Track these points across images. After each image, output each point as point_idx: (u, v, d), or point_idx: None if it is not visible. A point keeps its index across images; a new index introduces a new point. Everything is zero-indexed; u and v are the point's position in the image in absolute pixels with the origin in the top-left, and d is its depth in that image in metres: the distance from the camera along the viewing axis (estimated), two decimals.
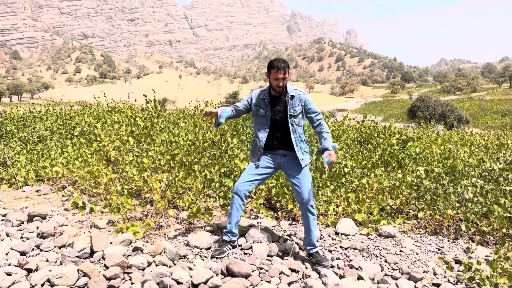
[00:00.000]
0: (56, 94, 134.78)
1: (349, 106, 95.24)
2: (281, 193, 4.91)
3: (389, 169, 6.33)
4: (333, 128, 9.04)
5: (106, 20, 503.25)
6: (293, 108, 3.71)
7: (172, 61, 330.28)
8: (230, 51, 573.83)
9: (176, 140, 5.65)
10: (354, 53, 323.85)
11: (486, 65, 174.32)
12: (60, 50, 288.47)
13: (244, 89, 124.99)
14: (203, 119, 7.90)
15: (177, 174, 4.91)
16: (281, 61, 3.70)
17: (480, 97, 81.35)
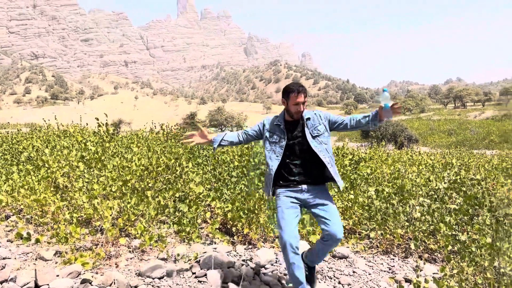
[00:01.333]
0: (3, 116, 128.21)
1: None
2: (237, 217, 4.89)
3: (341, 190, 6.47)
4: None
5: (59, 40, 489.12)
6: (315, 129, 3.45)
7: (127, 82, 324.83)
8: (187, 72, 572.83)
9: (128, 165, 5.52)
10: (309, 75, 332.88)
11: (433, 87, 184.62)
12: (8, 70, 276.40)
13: (202, 110, 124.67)
14: (157, 142, 7.79)
15: (129, 201, 4.78)
16: (299, 85, 3.48)
17: (428, 117, 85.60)
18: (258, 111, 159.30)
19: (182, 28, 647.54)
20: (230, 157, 7.27)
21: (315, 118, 3.50)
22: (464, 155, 16.36)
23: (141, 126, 21.13)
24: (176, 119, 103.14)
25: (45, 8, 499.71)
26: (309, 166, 3.42)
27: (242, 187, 5.74)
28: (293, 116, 3.47)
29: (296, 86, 3.43)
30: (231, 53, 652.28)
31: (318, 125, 3.47)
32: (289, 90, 3.43)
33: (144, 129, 12.06)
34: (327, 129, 3.50)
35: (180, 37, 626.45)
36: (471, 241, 4.39)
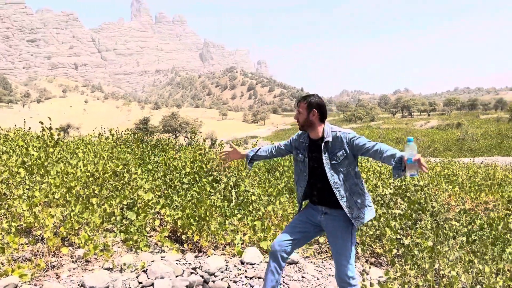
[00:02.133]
0: None
1: (260, 133, 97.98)
2: (187, 225, 4.81)
3: (293, 196, 6.55)
4: None
5: (2, 40, 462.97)
6: (334, 156, 3.08)
7: (77, 85, 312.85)
8: (141, 76, 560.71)
9: (73, 172, 5.28)
10: (265, 83, 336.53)
11: (382, 97, 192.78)
12: None
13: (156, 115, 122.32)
14: (104, 148, 7.52)
15: (73, 208, 4.57)
16: (306, 95, 3.26)
17: (377, 126, 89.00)
18: (214, 117, 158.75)
19: (135, 32, 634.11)
20: (182, 164, 7.15)
21: (336, 141, 3.11)
22: None
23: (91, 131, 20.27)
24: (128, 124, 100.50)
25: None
26: (331, 191, 3.14)
27: (194, 193, 5.66)
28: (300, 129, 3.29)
29: (302, 97, 3.28)
30: (187, 58, 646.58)
31: (338, 150, 3.09)
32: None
33: (93, 134, 11.63)
34: (347, 155, 3.08)
35: (133, 41, 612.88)
36: (414, 245, 4.58)
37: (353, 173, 3.10)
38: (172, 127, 66.66)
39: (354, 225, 3.09)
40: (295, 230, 3.27)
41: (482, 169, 13.64)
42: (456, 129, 70.02)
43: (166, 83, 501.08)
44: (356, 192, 3.09)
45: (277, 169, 8.62)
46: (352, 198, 3.07)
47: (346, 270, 3.05)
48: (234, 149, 3.72)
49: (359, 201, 3.08)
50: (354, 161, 3.11)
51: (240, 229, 5.17)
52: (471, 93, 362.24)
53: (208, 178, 6.55)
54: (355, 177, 3.10)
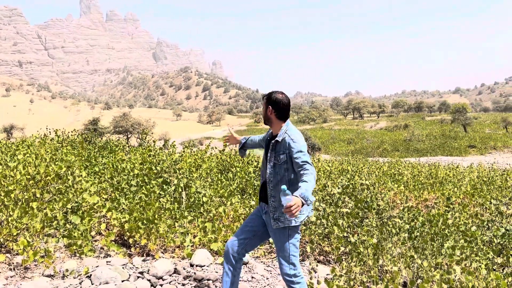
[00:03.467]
0: None
1: (216, 134, 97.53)
2: (135, 228, 4.68)
3: (245, 197, 6.57)
4: (196, 157, 9.09)
5: None
6: (277, 156, 3.12)
7: (22, 84, 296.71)
8: (91, 75, 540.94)
9: (11, 174, 4.99)
10: (220, 84, 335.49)
11: (334, 99, 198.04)
12: None
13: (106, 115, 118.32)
14: (46, 150, 7.17)
15: (11, 213, 4.32)
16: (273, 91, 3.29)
17: (330, 127, 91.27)
18: (168, 118, 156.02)
19: (85, 29, 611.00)
20: (130, 166, 6.97)
21: (283, 143, 3.13)
22: (360, 162, 17.69)
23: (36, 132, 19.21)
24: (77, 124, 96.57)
25: None
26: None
27: (142, 196, 5.53)
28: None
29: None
30: (139, 58, 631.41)
31: (282, 153, 3.12)
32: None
33: (37, 135, 11.07)
34: (287, 160, 3.11)
35: (83, 38, 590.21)
36: (360, 242, 4.72)
37: (288, 178, 3.11)
38: (124, 128, 64.74)
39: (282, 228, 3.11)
40: (245, 229, 3.29)
41: (426, 168, 14.34)
42: (403, 130, 73.25)
43: (117, 82, 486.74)
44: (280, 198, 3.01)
45: (230, 170, 8.61)
46: (280, 201, 3.07)
47: (287, 269, 3.09)
48: (231, 135, 3.81)
49: (276, 206, 3.11)
50: (292, 168, 3.11)
51: (191, 231, 5.11)
52: (417, 95, 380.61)
53: (158, 180, 6.42)
54: (289, 183, 3.11)
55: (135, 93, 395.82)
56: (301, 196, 2.76)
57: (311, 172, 2.93)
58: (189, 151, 9.50)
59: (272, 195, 3.14)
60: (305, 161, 2.99)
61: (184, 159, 8.07)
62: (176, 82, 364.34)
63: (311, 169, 2.96)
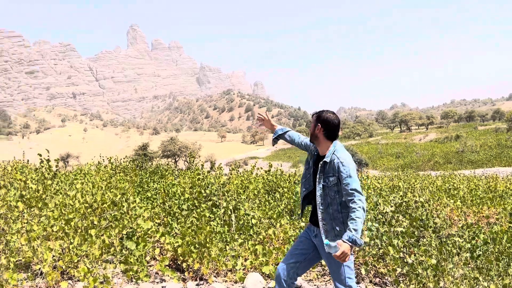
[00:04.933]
0: None
1: (260, 153, 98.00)
2: (188, 252, 4.75)
3: (294, 218, 6.50)
4: (242, 178, 9.15)
5: (1, 73, 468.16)
6: (327, 178, 3.04)
7: (76, 114, 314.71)
8: (139, 102, 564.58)
9: (71, 203, 5.25)
10: (262, 103, 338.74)
11: (379, 112, 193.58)
12: None
13: (155, 140, 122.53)
14: (104, 177, 7.50)
15: (71, 241, 4.52)
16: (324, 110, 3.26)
17: (376, 141, 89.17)
18: (213, 140, 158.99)
19: (132, 59, 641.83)
20: (181, 189, 7.12)
21: (332, 165, 3.05)
22: (411, 177, 17.07)
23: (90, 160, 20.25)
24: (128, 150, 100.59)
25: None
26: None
27: (193, 220, 5.62)
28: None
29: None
30: (184, 83, 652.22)
31: (331, 175, 3.04)
32: None
33: (92, 163, 11.62)
34: (338, 183, 3.02)
35: (130, 68, 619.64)
36: (417, 263, 4.52)
37: (339, 201, 3.04)
38: (172, 151, 66.66)
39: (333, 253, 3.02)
40: (295, 252, 3.23)
41: (483, 181, 13.59)
42: (455, 142, 70.11)
43: (164, 108, 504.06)
44: (338, 219, 3.03)
45: (277, 190, 8.58)
46: (332, 224, 3.03)
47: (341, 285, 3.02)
48: (268, 119, 3.76)
49: (337, 229, 3.03)
50: (340, 193, 3.04)
51: (241, 254, 5.11)
52: (467, 105, 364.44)
53: (207, 203, 6.51)
54: (340, 205, 3.03)
55: (181, 117, 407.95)
56: (349, 240, 2.76)
57: (360, 205, 2.86)
58: (236, 173, 9.60)
59: (323, 218, 3.06)
60: (354, 189, 2.91)
61: (231, 181, 8.15)
62: (220, 105, 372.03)
63: (360, 201, 2.88)
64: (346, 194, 2.92)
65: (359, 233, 2.78)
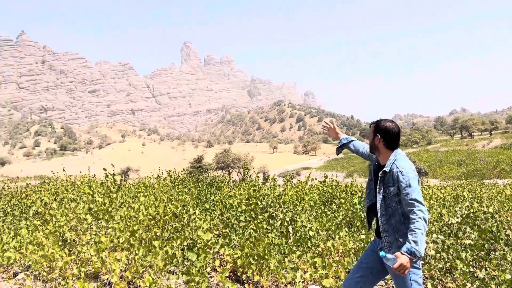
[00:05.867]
0: (13, 170, 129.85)
1: (312, 164, 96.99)
2: (247, 264, 4.79)
3: (353, 230, 6.36)
4: (297, 189, 9.10)
5: (67, 93, 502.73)
6: (387, 188, 2.97)
7: (135, 129, 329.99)
8: (193, 116, 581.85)
9: (135, 215, 5.49)
10: (313, 113, 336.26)
11: (438, 119, 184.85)
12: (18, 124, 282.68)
13: (209, 153, 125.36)
14: (164, 190, 7.79)
15: (136, 252, 4.72)
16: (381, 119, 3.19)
17: (435, 149, 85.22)
18: (265, 151, 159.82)
19: (186, 75, 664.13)
20: (238, 201, 7.21)
21: (391, 175, 2.97)
22: (476, 186, 16.11)
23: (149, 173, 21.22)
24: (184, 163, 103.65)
25: (53, 63, 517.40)
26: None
27: (251, 231, 5.66)
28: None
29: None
30: (235, 96, 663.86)
31: (391, 185, 2.96)
32: None
33: (152, 176, 12.09)
34: (398, 193, 2.94)
35: (185, 84, 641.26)
36: (490, 278, 4.24)
37: (401, 211, 2.94)
38: (225, 163, 67.79)
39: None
40: (361, 266, 3.15)
41: None
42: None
43: (217, 121, 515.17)
44: (400, 230, 2.93)
45: (333, 201, 8.44)
46: (395, 236, 2.94)
47: None
48: (334, 127, 3.81)
49: (401, 240, 2.94)
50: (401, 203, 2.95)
51: (300, 266, 5.06)
52: None
53: (264, 215, 6.54)
54: (403, 216, 2.94)
55: (234, 129, 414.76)
56: (407, 252, 2.68)
57: (420, 216, 2.75)
58: (290, 184, 9.57)
59: (385, 230, 2.98)
60: (414, 199, 2.80)
61: (286, 192, 8.13)
62: (271, 116, 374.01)
63: (421, 211, 2.77)
64: (406, 205, 2.85)
65: (419, 245, 2.69)
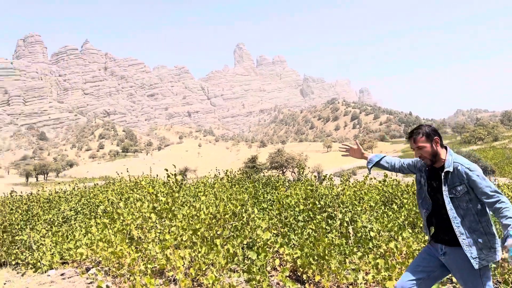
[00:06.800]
0: (80, 171, 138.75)
1: None
2: (307, 264, 4.77)
3: (416, 231, 6.12)
4: (355, 189, 8.92)
5: (127, 97, 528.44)
6: (453, 189, 2.86)
7: (191, 131, 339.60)
8: (246, 117, 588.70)
9: (197, 214, 5.65)
10: (369, 111, 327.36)
11: (505, 113, 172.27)
12: (84, 128, 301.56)
13: (263, 153, 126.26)
14: (223, 189, 7.96)
15: (199, 250, 4.86)
16: (412, 130, 3.09)
17: (503, 145, 79.89)
18: (319, 150, 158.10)
19: (239, 76, 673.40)
20: (295, 200, 7.20)
21: (456, 174, 2.87)
22: None
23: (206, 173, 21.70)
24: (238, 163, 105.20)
25: (114, 69, 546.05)
26: (449, 225, 2.91)
27: (310, 231, 5.63)
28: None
29: (410, 131, 3.11)
30: (288, 96, 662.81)
31: (458, 184, 2.86)
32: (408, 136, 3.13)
33: (209, 176, 12.39)
34: (468, 191, 2.84)
35: (238, 85, 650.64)
36: None
37: (475, 210, 2.82)
38: (279, 163, 67.86)
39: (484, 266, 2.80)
40: (418, 269, 3.05)
41: None
42: None
43: (270, 121, 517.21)
44: (477, 230, 2.81)
45: (394, 201, 8.18)
46: (472, 236, 2.80)
47: None
48: (358, 148, 3.63)
49: (480, 241, 2.80)
50: (476, 198, 2.83)
51: (362, 267, 4.96)
52: None
53: (323, 215, 6.47)
54: (477, 215, 2.82)
55: (286, 129, 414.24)
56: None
57: (508, 203, 2.64)
58: (348, 183, 9.39)
59: (461, 233, 2.83)
60: (495, 190, 2.72)
61: (344, 192, 7.99)
62: (324, 115, 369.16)
63: (505, 199, 2.67)
64: (488, 197, 2.75)
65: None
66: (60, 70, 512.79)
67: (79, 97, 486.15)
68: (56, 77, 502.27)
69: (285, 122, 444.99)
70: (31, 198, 10.79)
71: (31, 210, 9.34)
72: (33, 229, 7.96)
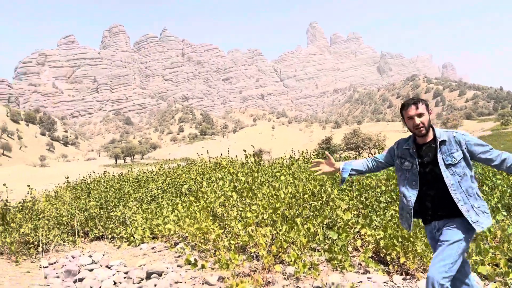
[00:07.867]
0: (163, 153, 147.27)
1: None
2: (391, 245, 4.65)
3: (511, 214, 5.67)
4: None
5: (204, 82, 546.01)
6: (450, 156, 2.94)
7: (264, 113, 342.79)
8: (320, 98, 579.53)
9: (276, 193, 5.74)
10: (454, 87, 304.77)
11: None
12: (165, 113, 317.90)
13: (337, 134, 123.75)
14: (300, 170, 7.97)
15: (280, 228, 4.95)
16: (411, 98, 3.11)
17: None
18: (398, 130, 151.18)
19: (312, 56, 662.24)
20: (375, 182, 7.01)
21: (452, 142, 2.97)
22: None
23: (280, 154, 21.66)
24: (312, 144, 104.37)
25: (191, 55, 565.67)
26: (445, 198, 2.93)
27: (393, 213, 5.46)
28: (418, 135, 3.03)
29: (407, 100, 3.10)
30: (364, 74, 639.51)
31: (455, 151, 2.94)
32: (402, 108, 3.10)
33: (284, 157, 12.47)
34: (466, 157, 2.96)
35: (311, 65, 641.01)
36: None
37: (469, 175, 2.96)
38: (355, 144, 66.18)
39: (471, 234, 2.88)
40: None
41: None
42: None
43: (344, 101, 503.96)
44: (473, 195, 2.93)
45: (485, 183, 7.62)
46: (469, 201, 2.90)
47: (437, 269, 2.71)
48: (329, 160, 3.41)
49: (476, 205, 2.91)
50: (470, 164, 2.99)
51: None
52: None
53: None
54: (471, 181, 2.96)
55: (362, 109, 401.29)
56: None
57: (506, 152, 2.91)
58: None
59: (458, 199, 2.89)
60: (491, 147, 2.96)
61: None
62: (403, 93, 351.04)
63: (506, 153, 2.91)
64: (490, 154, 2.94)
65: None
66: (141, 58, 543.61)
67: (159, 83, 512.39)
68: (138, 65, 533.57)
69: (360, 101, 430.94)
70: (122, 177, 11.70)
71: (123, 189, 10.14)
72: (125, 206, 8.66)
